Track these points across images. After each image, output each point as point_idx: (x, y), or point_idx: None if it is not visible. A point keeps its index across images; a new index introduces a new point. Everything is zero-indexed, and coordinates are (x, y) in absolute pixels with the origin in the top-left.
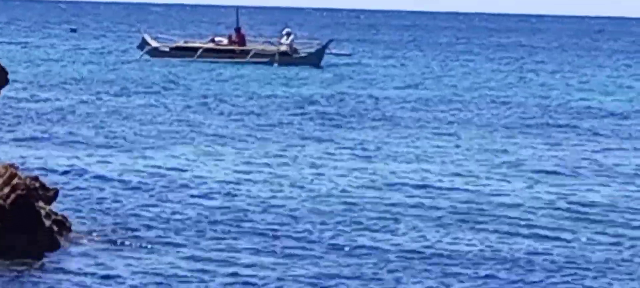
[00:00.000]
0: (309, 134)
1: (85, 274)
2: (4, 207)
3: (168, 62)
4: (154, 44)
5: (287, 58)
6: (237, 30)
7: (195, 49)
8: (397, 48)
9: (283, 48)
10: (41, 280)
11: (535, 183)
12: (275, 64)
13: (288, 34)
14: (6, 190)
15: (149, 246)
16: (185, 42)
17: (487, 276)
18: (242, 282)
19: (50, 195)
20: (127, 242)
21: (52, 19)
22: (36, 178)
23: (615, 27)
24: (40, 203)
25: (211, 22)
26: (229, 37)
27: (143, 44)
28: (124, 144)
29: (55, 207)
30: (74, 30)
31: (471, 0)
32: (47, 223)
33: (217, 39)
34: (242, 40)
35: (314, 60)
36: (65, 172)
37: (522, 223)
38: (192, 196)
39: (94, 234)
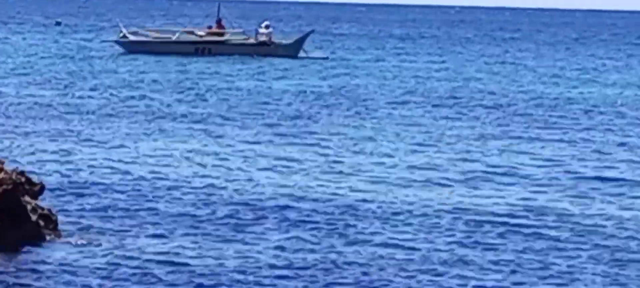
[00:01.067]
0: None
1: (71, 267)
2: None
3: (145, 54)
4: (130, 37)
5: (266, 49)
6: (218, 22)
7: (172, 41)
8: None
9: (262, 38)
10: (27, 274)
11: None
12: (254, 55)
13: (267, 27)
14: None
15: (134, 239)
16: (160, 33)
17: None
18: (226, 275)
19: (36, 190)
20: (111, 236)
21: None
22: (22, 173)
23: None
24: (26, 198)
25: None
26: (209, 29)
27: (120, 36)
28: (109, 138)
29: (41, 201)
30: (58, 24)
31: None
32: (33, 217)
33: (196, 31)
34: (221, 33)
35: (292, 51)
36: (50, 167)
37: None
38: (177, 190)
39: (80, 228)
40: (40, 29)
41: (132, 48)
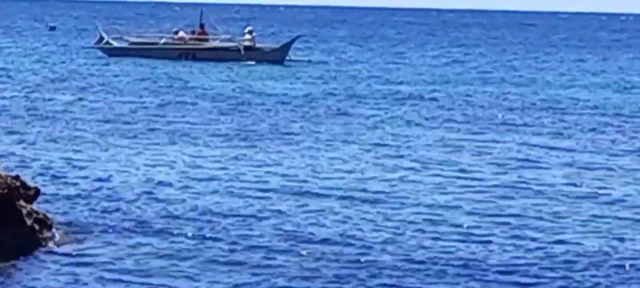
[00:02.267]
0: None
1: (67, 273)
2: None
3: (128, 59)
4: (112, 41)
5: (252, 53)
6: (201, 26)
7: (156, 46)
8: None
9: (246, 43)
10: (22, 279)
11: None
12: (242, 60)
13: (250, 32)
14: None
15: (129, 243)
16: (141, 38)
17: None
18: (220, 276)
19: (31, 194)
20: (108, 240)
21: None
22: (17, 177)
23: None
24: (21, 202)
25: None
26: (192, 33)
27: (100, 41)
28: (104, 142)
29: (36, 205)
30: (52, 29)
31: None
32: (29, 222)
33: (180, 34)
34: (204, 39)
35: (278, 56)
36: (46, 171)
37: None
38: (173, 193)
39: (75, 233)
40: (33, 32)
41: (114, 53)
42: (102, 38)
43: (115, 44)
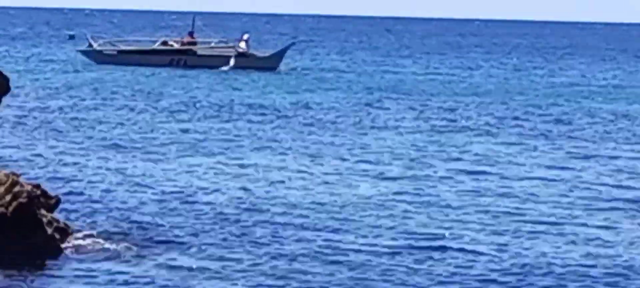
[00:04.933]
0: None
1: (86, 281)
2: (5, 215)
3: (118, 66)
4: (100, 49)
5: (245, 60)
6: (190, 34)
7: (144, 52)
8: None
9: (240, 50)
10: (42, 287)
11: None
12: (229, 67)
13: (246, 41)
14: (8, 197)
15: (149, 253)
16: (131, 45)
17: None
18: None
19: (52, 203)
20: (128, 249)
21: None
22: (38, 186)
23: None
24: (42, 211)
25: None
26: (181, 41)
27: (87, 47)
28: (126, 151)
29: (57, 214)
30: (72, 37)
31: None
32: (49, 230)
33: (169, 42)
34: (193, 45)
35: (272, 63)
36: (66, 180)
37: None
38: (189, 203)
39: (95, 241)
40: (52, 41)
41: (102, 60)
42: (90, 45)
43: (103, 50)
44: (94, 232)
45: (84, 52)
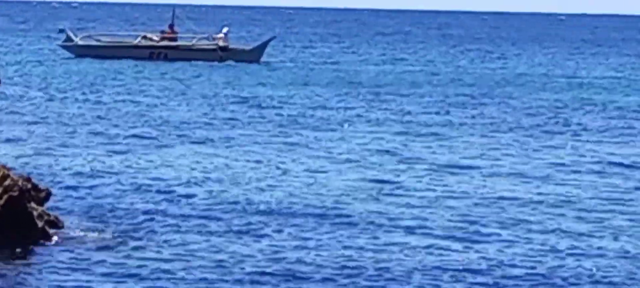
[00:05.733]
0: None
1: (77, 273)
2: None
3: (97, 59)
4: (79, 41)
5: (227, 53)
6: (171, 27)
7: (124, 46)
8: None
9: (220, 43)
10: (33, 280)
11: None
12: (217, 60)
13: (226, 33)
14: None
15: (138, 244)
16: (111, 38)
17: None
18: (228, 276)
19: (43, 196)
20: (117, 241)
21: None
22: (28, 179)
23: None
24: (33, 204)
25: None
26: (161, 34)
27: (67, 41)
28: (113, 144)
29: (47, 207)
30: (61, 31)
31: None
32: (40, 223)
33: (148, 35)
34: (174, 38)
35: (253, 56)
36: (56, 172)
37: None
38: (179, 195)
39: (86, 234)
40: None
41: (82, 53)
42: (69, 38)
43: (83, 43)
44: (84, 225)
45: (64, 46)
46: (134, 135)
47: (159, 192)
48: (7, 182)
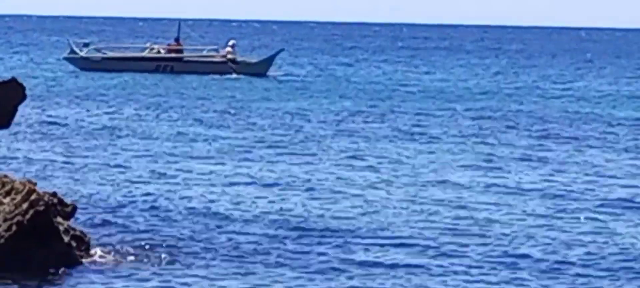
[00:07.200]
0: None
1: None
2: (22, 223)
3: (103, 72)
4: (83, 54)
5: (234, 66)
6: (176, 40)
7: (130, 59)
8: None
9: (229, 57)
10: None
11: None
12: (229, 73)
13: (232, 46)
14: (25, 205)
15: (166, 263)
16: (117, 52)
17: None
18: None
19: (69, 211)
20: (145, 259)
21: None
22: (54, 194)
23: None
24: (59, 219)
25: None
26: (168, 47)
27: (71, 53)
28: (141, 161)
29: (73, 222)
30: (86, 45)
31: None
32: (66, 238)
33: (155, 47)
34: (179, 51)
35: (260, 69)
36: (82, 188)
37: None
38: (207, 215)
39: (112, 250)
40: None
41: (86, 65)
42: (73, 51)
43: (89, 57)
44: (110, 241)
45: (69, 59)
46: (163, 152)
47: (186, 208)
48: (33, 197)
